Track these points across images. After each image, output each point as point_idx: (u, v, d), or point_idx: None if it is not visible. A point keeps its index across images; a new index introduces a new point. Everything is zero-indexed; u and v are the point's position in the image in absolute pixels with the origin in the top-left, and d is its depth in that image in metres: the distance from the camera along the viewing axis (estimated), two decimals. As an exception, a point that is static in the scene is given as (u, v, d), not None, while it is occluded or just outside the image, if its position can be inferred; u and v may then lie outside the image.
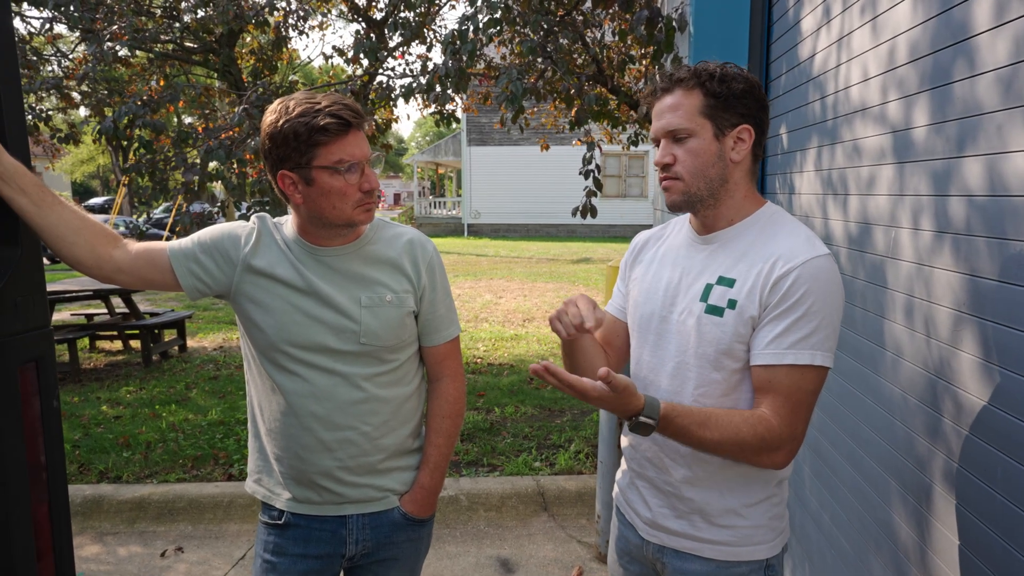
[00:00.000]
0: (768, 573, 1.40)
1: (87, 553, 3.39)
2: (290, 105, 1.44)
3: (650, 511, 1.46)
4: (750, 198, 1.38)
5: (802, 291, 1.25)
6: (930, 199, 1.60)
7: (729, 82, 1.30)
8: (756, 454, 1.27)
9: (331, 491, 1.59)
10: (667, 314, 1.41)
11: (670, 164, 1.34)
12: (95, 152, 28.96)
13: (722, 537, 1.38)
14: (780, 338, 1.26)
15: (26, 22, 7.02)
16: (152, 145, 4.34)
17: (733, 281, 1.32)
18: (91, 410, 5.33)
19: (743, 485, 1.37)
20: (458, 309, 9.41)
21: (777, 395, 1.26)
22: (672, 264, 1.45)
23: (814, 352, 1.25)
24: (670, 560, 1.43)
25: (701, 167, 1.32)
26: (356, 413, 1.55)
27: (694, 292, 1.37)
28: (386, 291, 1.56)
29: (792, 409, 1.26)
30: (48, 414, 1.42)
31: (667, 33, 3.49)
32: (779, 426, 1.25)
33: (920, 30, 1.66)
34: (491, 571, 3.22)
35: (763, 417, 1.26)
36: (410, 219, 27.14)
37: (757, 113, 1.33)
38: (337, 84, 5.49)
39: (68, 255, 1.46)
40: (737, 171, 1.35)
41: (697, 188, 1.33)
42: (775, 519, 1.40)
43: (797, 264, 1.26)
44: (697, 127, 1.31)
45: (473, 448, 4.47)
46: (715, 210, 1.37)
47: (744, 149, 1.33)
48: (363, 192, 1.48)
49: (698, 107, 1.31)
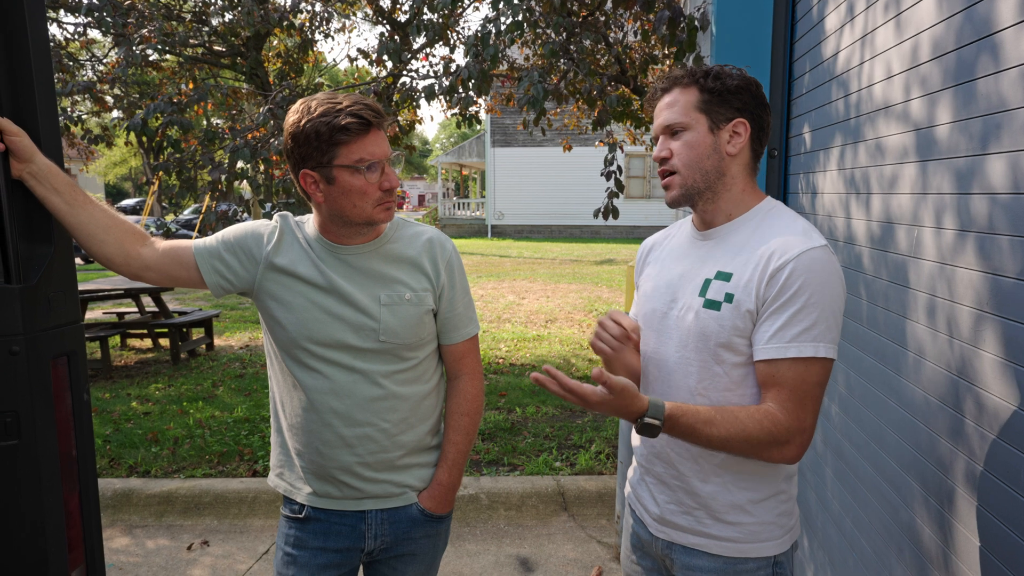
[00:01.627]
0: (776, 570, 1.39)
1: (117, 545, 3.47)
2: (312, 105, 1.46)
3: (658, 507, 1.47)
4: (749, 192, 1.41)
5: (798, 284, 1.25)
6: (953, 198, 1.58)
7: (724, 78, 1.35)
8: (766, 449, 1.27)
9: (351, 486, 1.61)
10: (668, 310, 1.43)
11: (667, 158, 1.38)
12: (127, 155, 29.56)
13: (729, 533, 1.38)
14: (781, 332, 1.26)
15: (63, 28, 7.20)
16: (180, 144, 4.44)
17: (730, 275, 1.34)
18: (122, 406, 5.45)
19: (750, 481, 1.37)
20: (481, 310, 9.44)
21: (782, 389, 1.27)
22: (675, 261, 1.48)
23: (816, 344, 1.25)
24: (678, 556, 1.44)
25: (696, 159, 1.36)
26: (375, 410, 1.57)
27: (693, 287, 1.39)
28: (405, 289, 1.58)
29: (798, 402, 1.26)
30: (79, 407, 1.46)
31: (689, 33, 3.48)
32: (786, 420, 1.25)
33: (944, 26, 1.64)
34: (511, 570, 3.23)
35: (769, 412, 1.26)
36: (434, 220, 27.27)
37: (754, 109, 1.36)
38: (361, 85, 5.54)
39: (98, 252, 1.50)
40: (734, 164, 1.38)
41: (693, 180, 1.37)
42: (783, 516, 1.40)
43: (792, 256, 1.27)
44: (692, 121, 1.35)
45: (494, 447, 4.49)
46: (714, 204, 1.40)
47: (740, 142, 1.36)
48: (383, 191, 1.50)
49: (693, 102, 1.35)
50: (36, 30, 1.34)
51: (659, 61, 5.45)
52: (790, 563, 1.43)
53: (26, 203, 1.38)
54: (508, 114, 21.14)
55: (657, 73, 6.26)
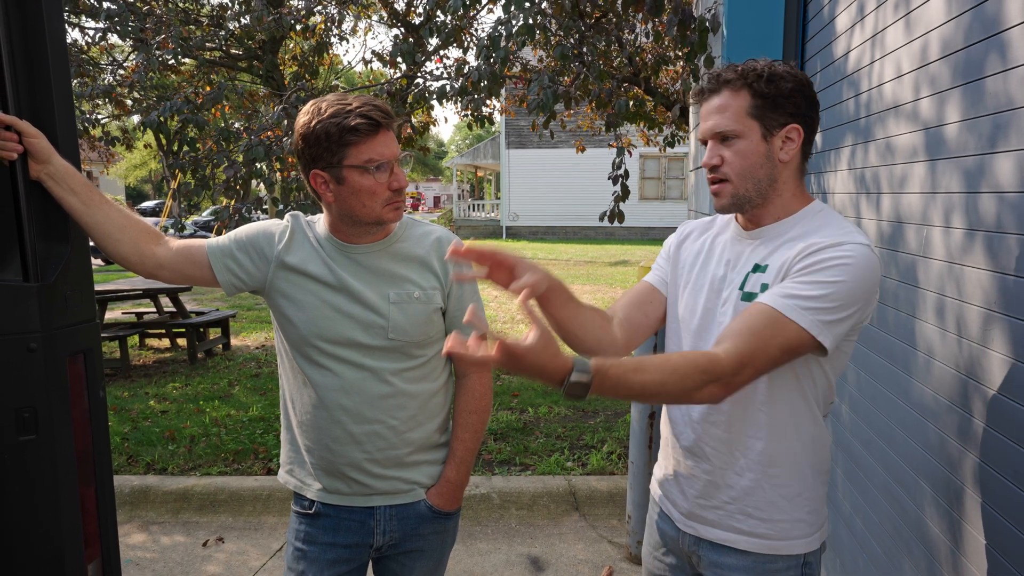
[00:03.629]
0: (805, 571, 1.37)
1: (134, 541, 3.53)
2: (322, 106, 1.49)
3: (687, 502, 1.44)
4: (798, 196, 1.36)
5: (829, 262, 1.20)
6: (961, 197, 1.57)
7: (777, 82, 1.27)
8: (697, 389, 1.18)
9: (360, 482, 1.63)
10: (712, 306, 1.39)
11: (718, 165, 1.32)
12: (147, 157, 29.92)
13: (760, 529, 1.35)
14: (782, 287, 1.22)
15: (84, 33, 7.33)
16: (196, 144, 4.51)
17: (766, 267, 1.31)
18: (139, 404, 5.53)
19: (783, 476, 1.34)
20: (494, 311, 9.46)
21: (742, 331, 1.20)
22: (718, 260, 1.43)
23: (805, 312, 1.18)
24: (706, 553, 1.42)
25: (749, 168, 1.30)
26: (384, 407, 1.59)
27: (734, 283, 1.36)
28: (414, 288, 1.60)
29: (749, 352, 1.18)
30: (95, 404, 1.49)
31: (700, 34, 3.47)
32: (726, 359, 1.17)
33: (953, 25, 1.63)
34: (522, 569, 3.24)
35: (707, 352, 1.20)
36: (449, 222, 27.34)
37: (807, 111, 1.30)
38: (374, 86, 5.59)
39: (114, 251, 1.53)
40: (786, 171, 1.33)
41: (745, 190, 1.32)
42: (813, 513, 1.37)
43: (832, 243, 1.22)
44: (744, 128, 1.29)
45: (506, 447, 4.50)
46: (763, 208, 1.35)
47: (793, 149, 1.31)
48: (392, 191, 1.51)
49: (745, 108, 1.29)
50: (54, 32, 1.37)
51: (671, 62, 5.44)
52: (819, 564, 1.40)
53: (43, 203, 1.41)
54: (522, 116, 21.12)
55: (671, 74, 6.25)
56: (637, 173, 22.65)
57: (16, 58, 1.32)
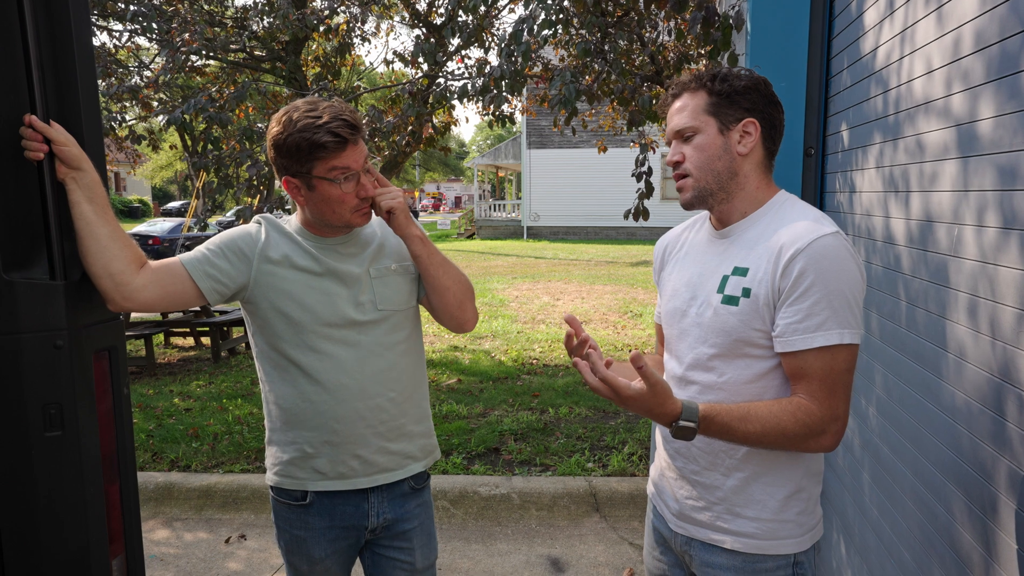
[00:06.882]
0: (796, 571, 1.38)
1: (158, 537, 3.57)
2: (294, 117, 1.56)
3: (678, 503, 1.48)
4: (763, 189, 1.42)
5: (812, 275, 1.26)
6: (995, 194, 1.53)
7: (731, 80, 1.37)
8: (802, 441, 1.27)
9: (365, 460, 1.71)
10: (687, 308, 1.45)
11: (679, 162, 1.41)
12: (172, 158, 30.35)
13: (747, 529, 1.38)
14: (803, 323, 1.27)
15: (112, 36, 7.45)
16: (220, 143, 4.56)
17: (746, 270, 1.35)
18: (164, 402, 5.60)
19: (771, 477, 1.37)
20: (515, 311, 9.46)
21: (811, 380, 1.27)
22: (693, 261, 1.49)
23: (841, 331, 1.26)
24: (697, 552, 1.44)
25: (707, 161, 1.38)
26: (384, 380, 1.70)
27: (711, 285, 1.40)
28: (390, 261, 1.75)
29: (829, 391, 1.27)
30: (119, 401, 1.51)
31: (723, 31, 3.43)
32: (819, 410, 1.26)
33: (987, 18, 1.59)
34: (541, 570, 3.23)
35: (801, 403, 1.27)
36: (470, 222, 27.39)
37: (764, 108, 1.38)
38: (395, 87, 5.60)
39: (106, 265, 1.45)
40: (746, 164, 1.40)
41: (706, 182, 1.39)
42: (803, 514, 1.39)
43: (802, 247, 1.27)
44: (701, 124, 1.38)
45: (526, 448, 4.49)
46: (728, 204, 1.41)
47: (751, 142, 1.38)
48: (360, 199, 1.63)
49: (702, 106, 1.38)
50: (81, 36, 1.39)
51: (695, 60, 5.39)
52: (812, 565, 1.41)
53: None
54: (544, 116, 21.12)
55: (693, 73, 6.19)
56: (659, 173, 22.51)
57: (44, 61, 1.34)
